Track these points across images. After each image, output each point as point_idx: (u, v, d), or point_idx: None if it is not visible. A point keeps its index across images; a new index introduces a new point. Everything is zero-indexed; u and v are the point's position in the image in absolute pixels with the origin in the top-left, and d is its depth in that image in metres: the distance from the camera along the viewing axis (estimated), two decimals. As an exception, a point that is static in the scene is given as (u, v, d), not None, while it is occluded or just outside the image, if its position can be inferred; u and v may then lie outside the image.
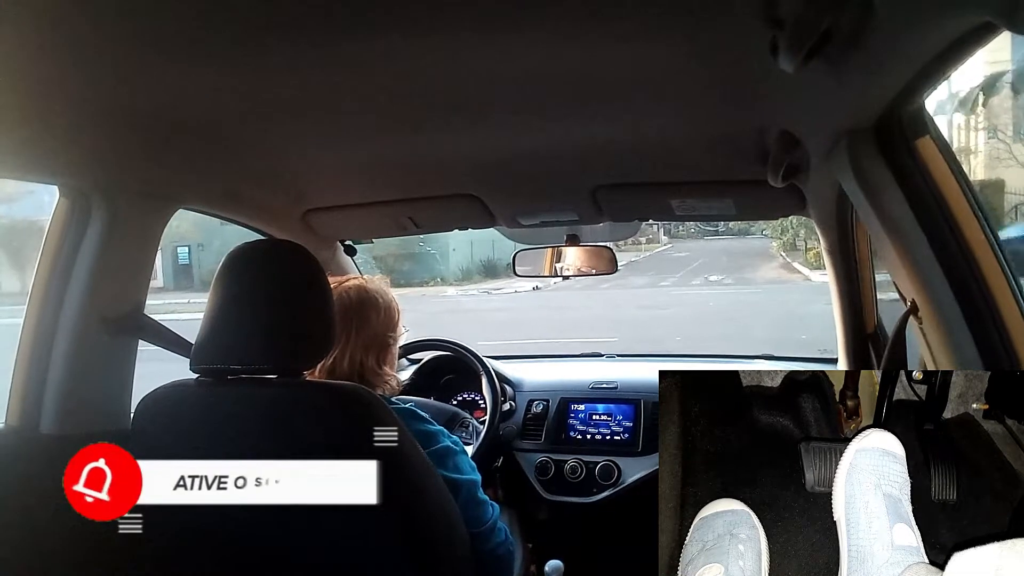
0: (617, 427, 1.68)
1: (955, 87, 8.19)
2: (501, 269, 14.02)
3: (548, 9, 0.71)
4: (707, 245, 16.96)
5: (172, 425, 0.94)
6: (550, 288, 12.30)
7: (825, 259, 1.40)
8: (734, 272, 13.53)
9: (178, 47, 0.78)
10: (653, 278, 13.47)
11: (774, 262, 15.39)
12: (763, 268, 14.51)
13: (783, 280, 12.91)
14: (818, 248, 9.34)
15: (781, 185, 1.17)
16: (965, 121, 8.89)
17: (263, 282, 0.91)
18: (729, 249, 16.50)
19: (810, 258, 14.06)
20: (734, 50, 0.80)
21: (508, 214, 1.55)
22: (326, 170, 1.35)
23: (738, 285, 12.19)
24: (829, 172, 0.96)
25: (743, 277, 13.03)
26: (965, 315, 0.69)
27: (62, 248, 1.09)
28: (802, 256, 14.58)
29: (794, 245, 15.32)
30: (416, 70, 0.86)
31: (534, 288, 12.01)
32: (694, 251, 16.90)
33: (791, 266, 14.46)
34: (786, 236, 15.08)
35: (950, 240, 0.72)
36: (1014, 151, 8.52)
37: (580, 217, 1.56)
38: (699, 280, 13.05)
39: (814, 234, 7.84)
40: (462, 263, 14.93)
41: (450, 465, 1.01)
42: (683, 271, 14.18)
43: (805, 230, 14.10)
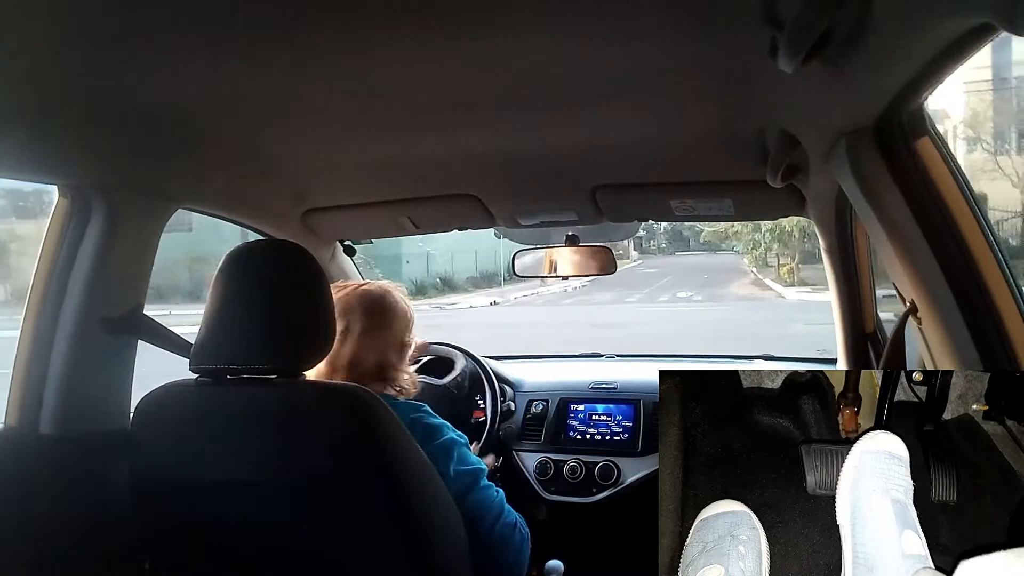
0: (617, 427, 1.68)
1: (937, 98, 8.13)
2: (459, 283, 13.71)
3: (548, 9, 0.72)
4: (677, 261, 16.78)
5: (171, 425, 0.94)
6: (509, 303, 12.06)
7: (824, 259, 1.40)
8: (704, 288, 13.32)
9: (178, 47, 0.78)
10: (620, 294, 13.26)
11: (745, 278, 15.29)
12: (734, 284, 14.36)
13: (755, 297, 12.74)
14: (791, 264, 9.30)
15: (780, 185, 1.17)
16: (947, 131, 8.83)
17: (262, 282, 0.91)
18: (699, 265, 16.28)
19: (783, 274, 13.93)
20: (734, 50, 0.80)
21: (508, 214, 1.56)
22: (326, 170, 1.35)
23: (708, 302, 11.95)
24: (828, 172, 0.96)
25: (713, 294, 12.83)
26: (964, 315, 0.69)
27: (61, 248, 1.09)
28: (774, 272, 14.50)
29: (766, 261, 15.22)
30: (416, 70, 0.87)
31: (492, 303, 11.77)
32: (664, 267, 16.60)
33: (763, 283, 14.38)
34: (757, 251, 14.95)
35: (949, 240, 0.72)
36: (999, 163, 8.46)
37: (579, 217, 1.56)
38: (667, 296, 12.84)
39: (787, 250, 7.81)
40: (416, 276, 14.22)
41: (456, 456, 1.02)
42: (651, 287, 13.97)
43: (778, 245, 14.03)
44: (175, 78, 0.86)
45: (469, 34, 0.77)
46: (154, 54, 0.79)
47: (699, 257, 17.67)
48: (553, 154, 1.24)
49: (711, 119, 1.07)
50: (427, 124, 1.08)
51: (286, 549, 0.93)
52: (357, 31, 0.75)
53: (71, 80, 0.84)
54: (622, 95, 0.96)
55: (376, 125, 1.09)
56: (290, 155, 1.24)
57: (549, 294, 13.48)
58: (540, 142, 1.18)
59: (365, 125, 1.08)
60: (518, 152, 1.24)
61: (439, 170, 1.34)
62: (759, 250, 14.77)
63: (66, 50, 0.77)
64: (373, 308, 1.08)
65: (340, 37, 0.76)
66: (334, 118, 1.05)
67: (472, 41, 0.79)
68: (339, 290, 1.08)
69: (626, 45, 0.80)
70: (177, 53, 0.79)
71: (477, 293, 13.38)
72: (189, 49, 0.78)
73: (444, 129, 1.11)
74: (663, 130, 1.13)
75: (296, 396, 0.90)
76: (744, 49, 0.77)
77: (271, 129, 1.09)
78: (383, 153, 1.24)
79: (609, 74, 0.89)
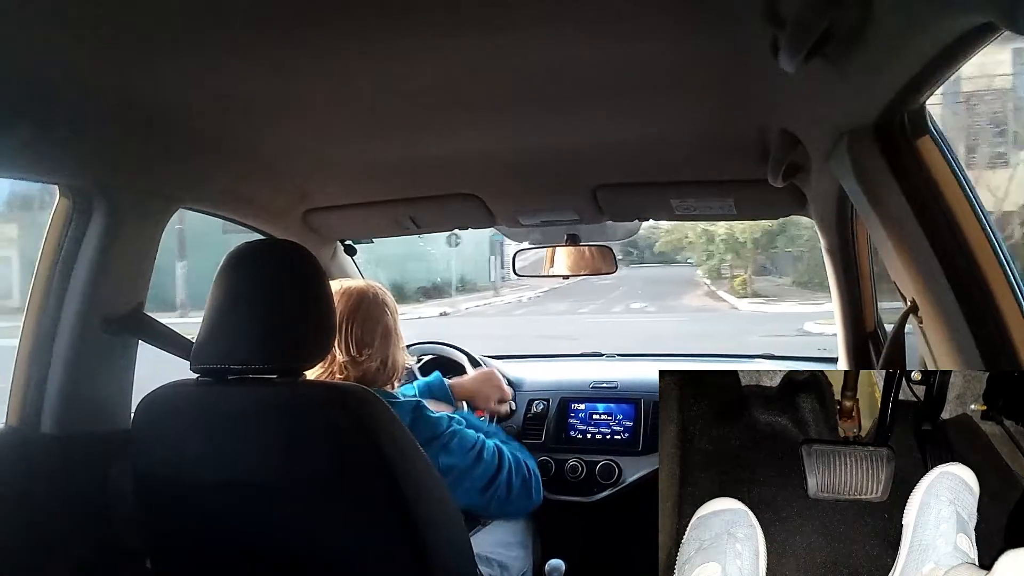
0: (618, 427, 1.68)
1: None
2: (409, 294, 13.49)
3: (548, 9, 0.72)
4: (632, 272, 16.53)
5: (172, 425, 0.95)
6: (459, 314, 11.92)
7: (825, 259, 1.39)
8: (657, 300, 13.24)
9: (178, 47, 0.78)
10: (573, 304, 13.14)
11: (699, 290, 15.24)
12: (688, 296, 14.30)
13: (709, 308, 12.66)
14: (744, 276, 9.27)
15: (781, 185, 1.17)
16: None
17: (263, 282, 0.92)
18: (654, 276, 16.17)
19: (736, 286, 13.88)
20: (734, 50, 0.80)
21: (508, 214, 1.56)
22: (326, 170, 1.35)
23: (661, 313, 11.84)
24: (829, 171, 0.96)
25: (667, 305, 12.75)
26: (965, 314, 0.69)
27: (62, 248, 1.09)
28: (728, 284, 14.48)
29: (719, 273, 15.20)
30: (416, 70, 0.87)
31: (441, 314, 11.62)
32: (618, 278, 16.61)
33: (716, 294, 14.33)
34: (711, 263, 14.91)
35: (950, 240, 0.72)
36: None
37: (580, 217, 1.56)
38: (621, 307, 12.72)
39: (740, 261, 7.76)
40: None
41: (454, 444, 1.07)
42: (605, 298, 13.85)
43: (732, 256, 14.01)
44: (176, 78, 0.86)
45: (469, 33, 0.77)
46: (154, 54, 0.79)
47: (653, 269, 17.58)
48: (554, 153, 1.24)
49: (712, 118, 1.07)
50: (428, 123, 1.08)
51: (287, 548, 0.93)
52: (357, 31, 0.75)
53: (72, 80, 0.84)
54: (623, 94, 0.96)
55: (376, 124, 1.09)
56: (290, 155, 1.24)
57: (503, 304, 13.43)
58: (541, 141, 1.18)
59: (365, 125, 1.08)
60: (519, 151, 1.24)
61: (440, 170, 1.34)
62: (713, 261, 14.71)
63: (67, 50, 0.77)
64: (356, 306, 1.10)
65: (340, 37, 0.76)
66: (334, 118, 1.05)
67: (473, 40, 0.79)
68: None
69: (627, 44, 0.80)
70: (177, 53, 0.79)
71: (428, 303, 13.20)
72: (189, 49, 0.78)
73: (445, 128, 1.11)
74: (664, 129, 1.13)
75: (297, 396, 0.90)
76: (745, 48, 0.77)
77: (271, 129, 1.09)
78: (384, 152, 1.24)
79: (610, 73, 0.89)
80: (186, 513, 0.95)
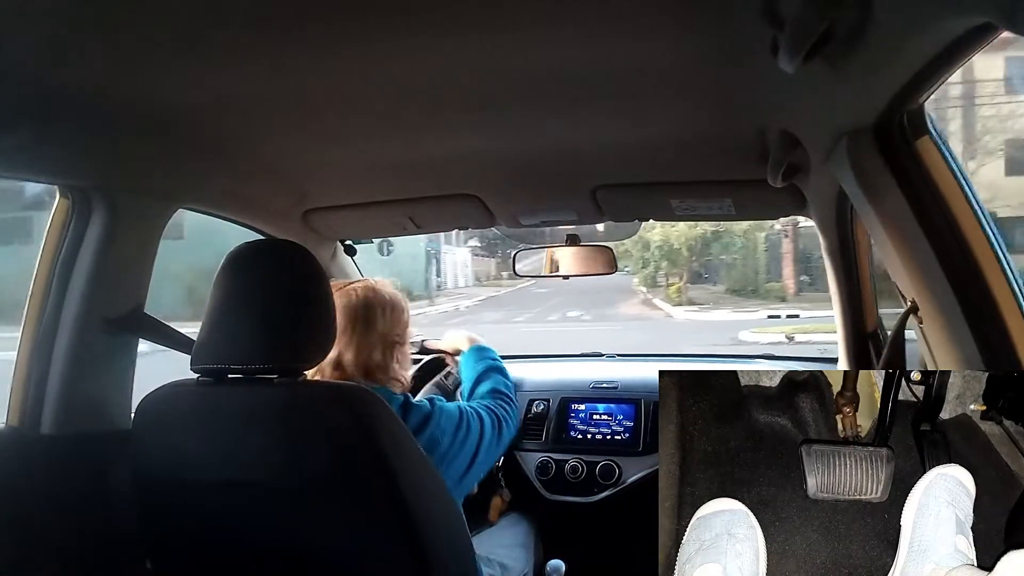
0: (618, 427, 1.68)
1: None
2: None
3: (548, 9, 0.72)
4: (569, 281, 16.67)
5: (172, 425, 0.95)
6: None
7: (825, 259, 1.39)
8: (594, 308, 13.14)
9: (178, 47, 0.78)
10: (508, 313, 13.11)
11: (635, 298, 15.24)
12: (624, 304, 14.25)
13: (644, 316, 12.65)
14: (679, 283, 9.24)
15: (781, 185, 1.17)
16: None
17: (263, 282, 0.92)
18: (590, 285, 16.10)
19: (671, 293, 13.86)
20: (734, 50, 0.80)
21: (508, 214, 1.56)
22: (326, 170, 1.35)
23: (597, 321, 11.82)
24: (829, 172, 0.96)
25: (603, 313, 12.67)
26: (965, 314, 0.69)
27: (62, 248, 1.09)
28: (663, 292, 14.44)
29: (655, 281, 15.17)
30: (416, 70, 0.87)
31: None
32: (554, 286, 16.48)
33: (652, 302, 14.33)
34: (647, 270, 14.85)
35: (950, 240, 0.72)
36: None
37: (580, 217, 1.56)
38: (557, 316, 12.68)
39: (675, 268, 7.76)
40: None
41: (443, 420, 1.06)
42: (541, 307, 13.85)
43: (667, 263, 13.98)
44: (176, 78, 0.86)
45: (469, 33, 0.77)
46: (155, 54, 0.79)
47: (591, 277, 17.74)
48: (554, 154, 1.24)
49: (712, 119, 1.07)
50: (428, 124, 1.08)
51: (286, 548, 0.93)
52: (357, 31, 0.75)
53: (72, 81, 0.84)
54: (623, 94, 0.96)
55: (376, 124, 1.09)
56: (290, 155, 1.24)
57: (436, 314, 13.38)
58: (541, 142, 1.18)
59: (365, 125, 1.09)
60: (519, 152, 1.24)
61: (440, 170, 1.34)
62: (649, 269, 14.68)
63: (67, 51, 0.77)
64: (354, 309, 1.08)
65: (340, 37, 0.77)
66: (334, 118, 1.05)
67: (473, 40, 0.79)
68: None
69: (627, 45, 0.80)
70: (177, 53, 0.79)
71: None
72: (189, 49, 0.78)
73: (445, 129, 1.11)
74: (664, 130, 1.13)
75: (297, 395, 0.90)
76: (745, 49, 0.77)
77: (271, 129, 1.09)
78: (384, 153, 1.24)
79: (610, 74, 0.89)
80: (186, 513, 0.95)
